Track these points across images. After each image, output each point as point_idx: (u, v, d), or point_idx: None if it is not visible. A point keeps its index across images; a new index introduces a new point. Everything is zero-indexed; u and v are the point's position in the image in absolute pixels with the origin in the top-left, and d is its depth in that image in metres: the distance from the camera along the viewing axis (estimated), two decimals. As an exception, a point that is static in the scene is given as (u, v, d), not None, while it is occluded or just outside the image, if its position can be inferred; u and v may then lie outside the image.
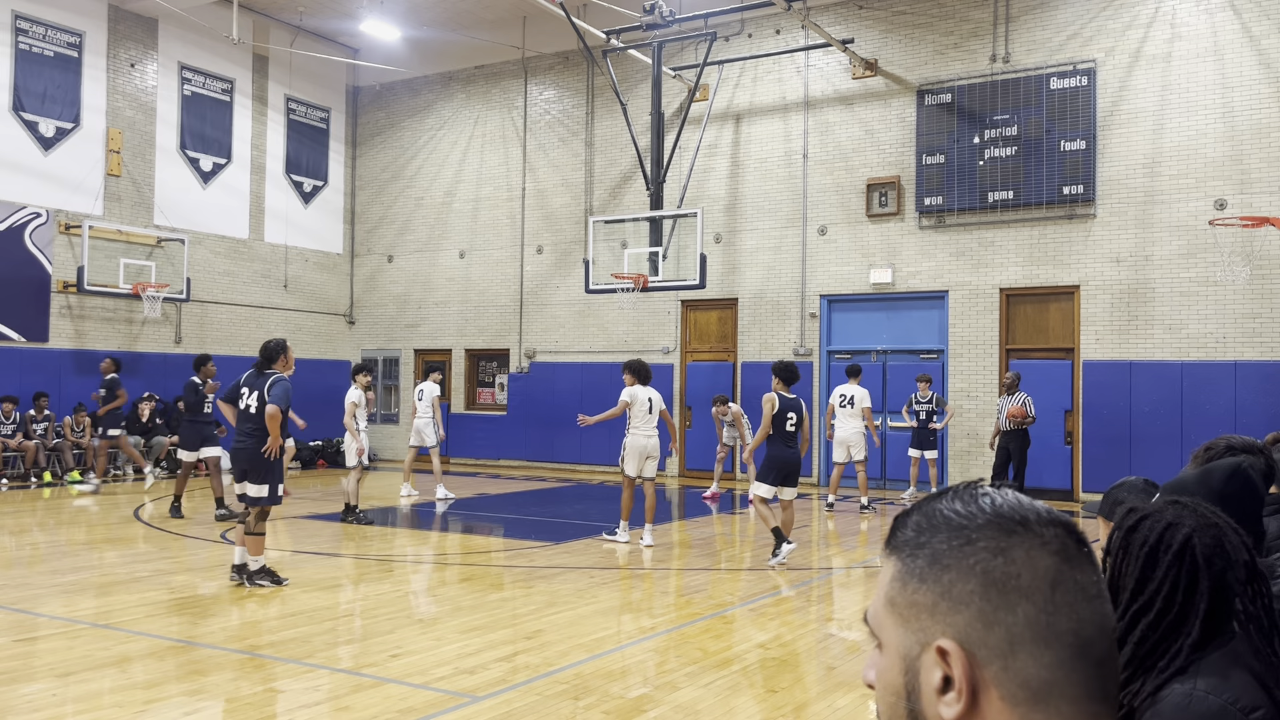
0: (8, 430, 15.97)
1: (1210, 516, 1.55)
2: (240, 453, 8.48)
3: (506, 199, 20.84)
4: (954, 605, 0.90)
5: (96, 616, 7.15)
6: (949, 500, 0.95)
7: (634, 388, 10.57)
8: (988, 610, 0.89)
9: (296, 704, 5.35)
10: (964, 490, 0.96)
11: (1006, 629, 0.88)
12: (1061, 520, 0.93)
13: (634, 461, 10.49)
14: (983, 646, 0.88)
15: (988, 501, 0.94)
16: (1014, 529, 0.91)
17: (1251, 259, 13.99)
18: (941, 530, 0.93)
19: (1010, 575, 0.89)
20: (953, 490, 0.97)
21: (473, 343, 21.15)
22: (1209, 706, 1.38)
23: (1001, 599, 0.89)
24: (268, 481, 8.38)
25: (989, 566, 0.90)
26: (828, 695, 5.59)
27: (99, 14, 18.15)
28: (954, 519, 0.93)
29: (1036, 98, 15.64)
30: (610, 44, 17.29)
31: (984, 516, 0.92)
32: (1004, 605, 0.88)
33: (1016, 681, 0.87)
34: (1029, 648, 0.88)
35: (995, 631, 0.88)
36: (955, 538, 0.92)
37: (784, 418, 9.68)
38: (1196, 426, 14.09)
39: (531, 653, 6.36)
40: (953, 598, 0.90)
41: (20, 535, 11.23)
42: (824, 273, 17.38)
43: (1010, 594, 0.89)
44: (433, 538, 12.00)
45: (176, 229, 18.96)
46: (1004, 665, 0.88)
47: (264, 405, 8.38)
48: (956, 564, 0.91)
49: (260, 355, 8.67)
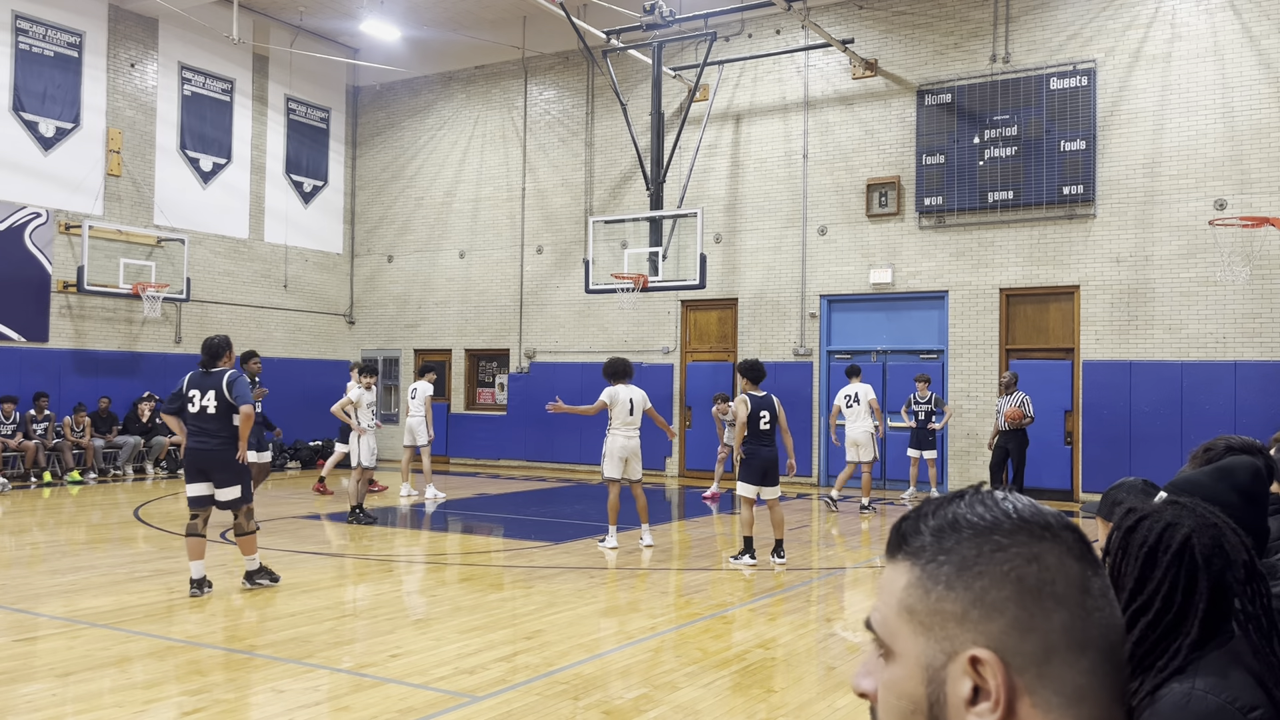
0: (8, 430, 15.97)
1: (1209, 516, 1.55)
2: (200, 454, 7.99)
3: (506, 199, 20.84)
4: (987, 613, 0.87)
5: (96, 616, 7.15)
6: (968, 505, 0.93)
7: (614, 388, 10.28)
8: (1024, 617, 0.87)
9: (296, 704, 5.35)
10: (982, 495, 0.94)
11: (1043, 636, 0.87)
12: (1072, 524, 0.93)
13: (613, 463, 10.24)
14: (1017, 655, 0.86)
15: (1010, 506, 0.92)
16: (1042, 535, 0.90)
17: (1251, 259, 13.99)
18: (967, 536, 0.90)
19: (1045, 581, 0.88)
20: (968, 495, 0.94)
21: (473, 343, 21.15)
22: (1207, 706, 1.39)
23: (1038, 606, 0.87)
24: (238, 481, 8.01)
25: (1024, 573, 0.88)
26: (828, 695, 5.59)
27: (99, 14, 18.15)
28: (980, 524, 0.91)
29: (1036, 98, 15.64)
30: (610, 44, 17.30)
31: (1011, 522, 0.90)
32: (1040, 612, 0.87)
33: (1051, 689, 0.86)
34: (1064, 654, 0.87)
35: (1031, 639, 0.87)
36: (985, 543, 0.90)
37: (757, 417, 9.65)
38: (1196, 426, 14.09)
39: (531, 653, 6.36)
40: (985, 605, 0.87)
41: (20, 535, 11.24)
42: (824, 273, 17.39)
43: (1046, 600, 0.87)
44: (432, 538, 12.00)
45: (176, 229, 18.96)
46: (1039, 673, 0.86)
47: (225, 404, 7.94)
48: (989, 570, 0.88)
49: (204, 353, 8.20)
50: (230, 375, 8.04)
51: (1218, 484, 2.01)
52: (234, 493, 8.02)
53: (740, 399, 9.76)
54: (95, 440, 16.98)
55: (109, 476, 16.97)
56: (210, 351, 8.16)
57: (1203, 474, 2.08)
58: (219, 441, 7.95)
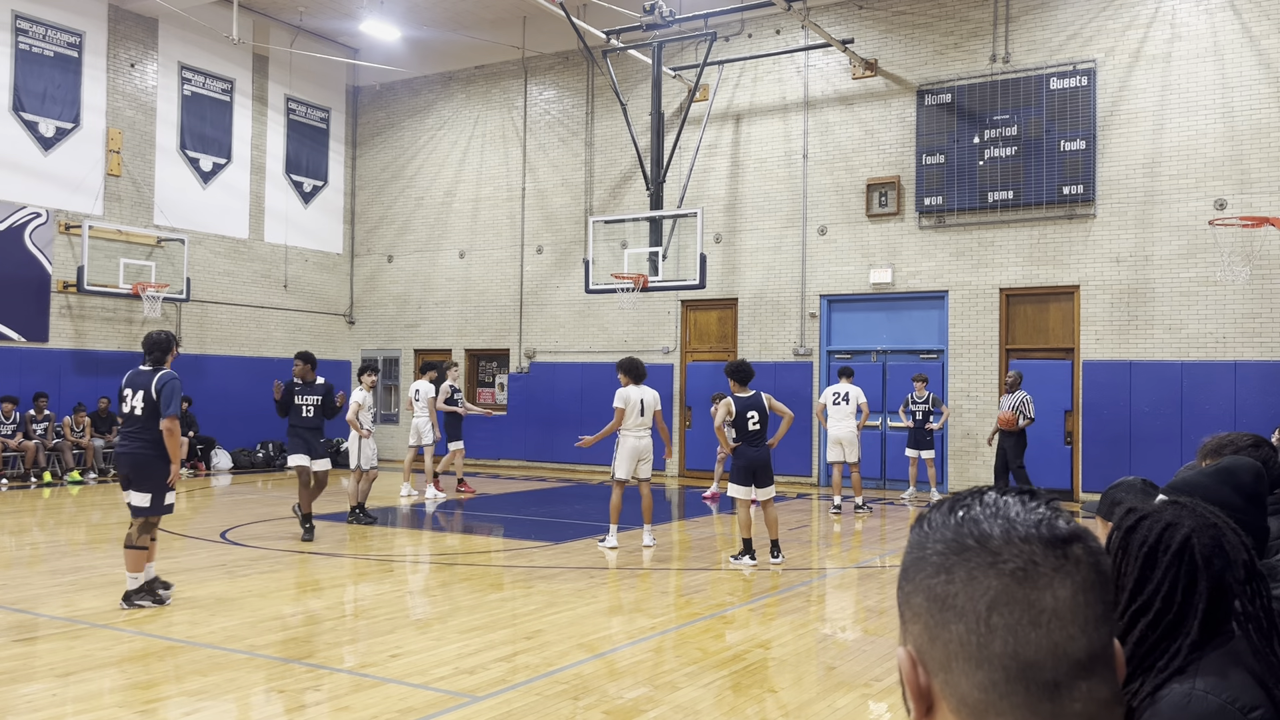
0: (8, 430, 15.97)
1: (1209, 516, 1.55)
2: (123, 458, 7.43)
3: (506, 199, 20.84)
4: (913, 615, 0.93)
5: (96, 616, 7.15)
6: (936, 510, 0.97)
7: (626, 389, 10.30)
8: (932, 625, 0.91)
9: (296, 704, 5.35)
10: (952, 501, 0.97)
11: (944, 645, 0.90)
12: (1045, 537, 0.90)
13: (624, 464, 10.25)
14: (930, 659, 0.91)
15: (961, 514, 0.93)
16: (966, 547, 0.91)
17: (1251, 259, 13.99)
18: (913, 541, 0.96)
19: (950, 594, 0.90)
20: (950, 499, 0.97)
21: (473, 343, 21.15)
22: (1208, 706, 1.39)
23: (941, 616, 0.90)
24: (151, 490, 7.37)
25: (933, 583, 0.92)
26: (828, 695, 5.59)
27: (99, 14, 18.15)
28: (922, 532, 0.96)
29: (1036, 98, 15.64)
30: (610, 44, 17.30)
31: (944, 531, 0.93)
32: (941, 622, 0.90)
33: (955, 696, 0.89)
34: (962, 665, 0.89)
35: (937, 646, 0.90)
36: (915, 550, 0.95)
37: (744, 418, 9.59)
38: (1196, 426, 14.08)
39: (531, 653, 6.36)
40: (911, 608, 0.93)
41: (20, 535, 11.24)
42: (824, 273, 17.38)
43: (947, 612, 0.90)
44: (433, 538, 12.00)
45: (176, 229, 18.96)
46: (945, 679, 0.90)
47: (151, 407, 7.33)
48: (913, 577, 0.94)
49: (145, 349, 7.62)
50: (162, 377, 7.41)
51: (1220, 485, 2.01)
52: (145, 500, 7.37)
53: (723, 402, 9.77)
54: (95, 440, 16.99)
55: (109, 476, 16.96)
56: (153, 347, 7.58)
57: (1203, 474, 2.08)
58: (140, 445, 7.35)
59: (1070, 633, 0.88)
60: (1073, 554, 0.90)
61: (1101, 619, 0.90)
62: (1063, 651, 0.87)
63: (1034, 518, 0.92)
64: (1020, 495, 0.94)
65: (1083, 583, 0.89)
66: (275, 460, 19.51)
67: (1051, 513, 0.93)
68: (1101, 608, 0.90)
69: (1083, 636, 0.88)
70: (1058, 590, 0.88)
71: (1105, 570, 0.92)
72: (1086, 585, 0.89)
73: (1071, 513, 1.04)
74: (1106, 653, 0.90)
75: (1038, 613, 0.87)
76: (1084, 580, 0.89)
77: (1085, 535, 0.92)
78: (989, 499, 0.94)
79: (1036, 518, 0.92)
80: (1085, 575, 0.90)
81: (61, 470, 16.39)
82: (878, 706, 5.41)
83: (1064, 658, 0.87)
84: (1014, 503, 0.93)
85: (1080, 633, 0.88)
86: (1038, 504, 0.93)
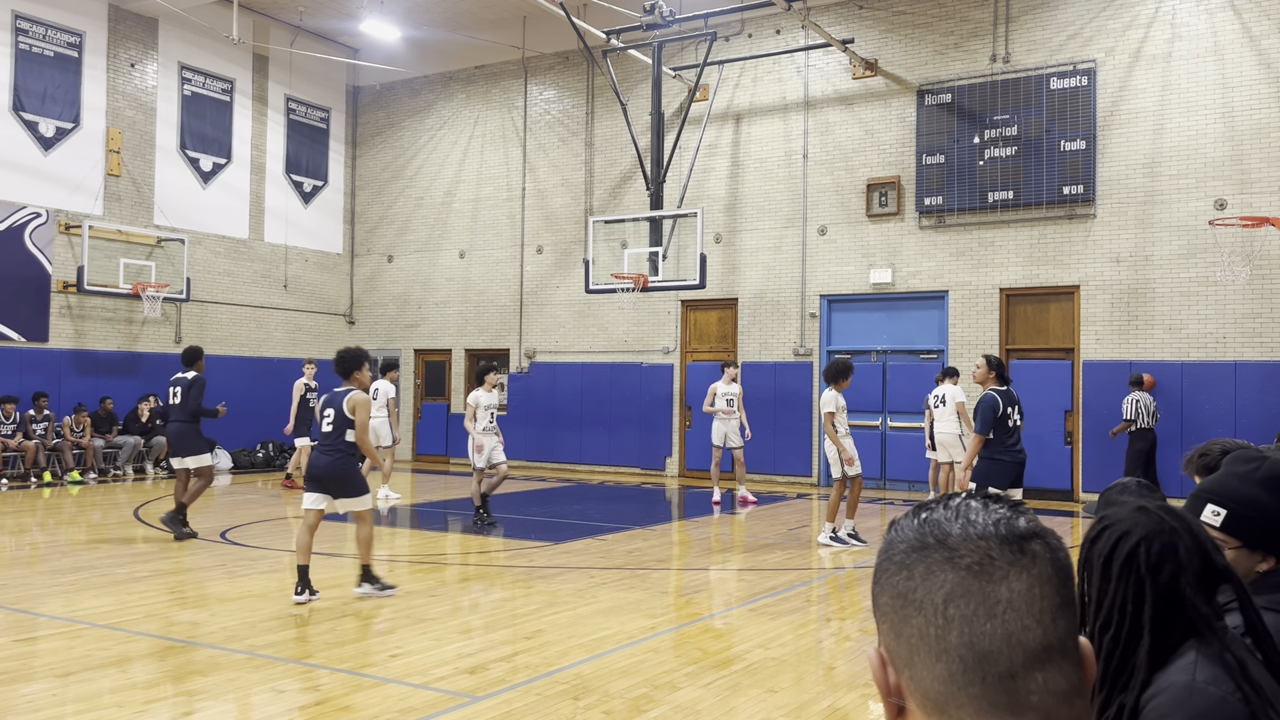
0: (8, 430, 15.97)
1: (1167, 521, 1.52)
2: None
3: (506, 199, 20.84)
4: (881, 614, 0.96)
5: (96, 616, 7.15)
6: (905, 515, 0.99)
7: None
8: (896, 622, 0.93)
9: (296, 704, 5.35)
10: (920, 505, 0.99)
11: (907, 640, 0.92)
12: (1003, 534, 0.91)
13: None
14: (897, 656, 0.93)
15: (925, 516, 0.96)
16: (926, 545, 0.93)
17: (1251, 259, 13.98)
18: (882, 545, 0.99)
19: (910, 589, 0.92)
20: (919, 504, 1.00)
21: (473, 343, 21.15)
22: (1209, 699, 1.38)
23: (903, 612, 0.92)
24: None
25: (895, 581, 0.94)
26: (828, 695, 5.59)
27: (99, 14, 18.15)
28: (890, 536, 0.98)
29: (1036, 98, 15.64)
30: (610, 44, 17.29)
31: (908, 531, 0.96)
32: (904, 618, 0.92)
33: (920, 691, 0.91)
34: (923, 659, 0.90)
35: (901, 642, 0.93)
36: (884, 553, 0.97)
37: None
38: (1196, 427, 14.09)
39: (531, 653, 6.36)
40: (879, 608, 0.96)
41: (20, 535, 11.24)
42: (824, 273, 17.38)
43: (908, 607, 0.92)
44: (432, 538, 12.00)
45: (176, 229, 18.96)
46: (910, 675, 0.92)
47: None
48: (880, 578, 0.97)
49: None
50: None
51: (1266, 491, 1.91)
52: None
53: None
54: (95, 440, 16.99)
55: (109, 476, 16.97)
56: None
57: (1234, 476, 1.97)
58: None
59: (1025, 623, 0.88)
60: (1030, 549, 0.91)
61: (1059, 611, 0.90)
62: (1017, 641, 0.88)
63: (993, 517, 0.93)
64: (986, 500, 0.96)
65: (1040, 576, 0.90)
66: (275, 460, 19.51)
67: (1012, 513, 0.94)
68: (1059, 600, 0.91)
69: (1038, 627, 0.89)
70: (1013, 583, 0.89)
71: (1065, 565, 0.93)
72: (1043, 579, 0.90)
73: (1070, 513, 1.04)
74: (1065, 645, 0.90)
75: (993, 604, 0.89)
76: (1041, 574, 0.90)
77: (1045, 533, 0.93)
78: (954, 503, 0.97)
79: (996, 517, 0.93)
80: (1042, 569, 0.91)
81: (61, 470, 16.39)
82: (878, 706, 5.41)
83: (1019, 647, 0.88)
84: (977, 505, 0.95)
85: (1035, 624, 0.89)
86: (1001, 506, 0.95)
